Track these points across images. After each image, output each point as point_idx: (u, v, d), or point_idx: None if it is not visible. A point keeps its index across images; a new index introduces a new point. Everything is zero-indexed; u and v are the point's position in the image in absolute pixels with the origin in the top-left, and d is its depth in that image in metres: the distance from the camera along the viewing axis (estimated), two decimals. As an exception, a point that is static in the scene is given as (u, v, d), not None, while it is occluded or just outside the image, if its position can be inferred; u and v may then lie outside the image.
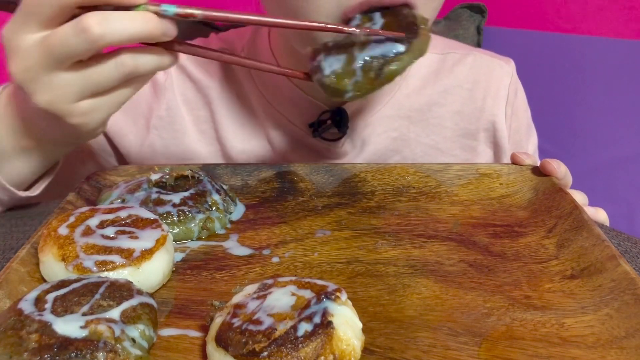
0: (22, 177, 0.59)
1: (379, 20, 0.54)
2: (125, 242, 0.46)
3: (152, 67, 0.49)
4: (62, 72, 0.47)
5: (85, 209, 0.51)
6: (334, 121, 0.73)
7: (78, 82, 0.48)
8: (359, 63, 0.50)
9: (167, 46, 0.49)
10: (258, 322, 0.37)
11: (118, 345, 0.36)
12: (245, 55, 0.78)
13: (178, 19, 0.48)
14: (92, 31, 0.45)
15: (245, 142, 0.77)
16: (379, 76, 0.50)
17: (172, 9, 0.47)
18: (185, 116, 0.77)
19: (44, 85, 0.48)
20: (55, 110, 0.49)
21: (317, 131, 0.73)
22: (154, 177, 0.57)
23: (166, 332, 0.42)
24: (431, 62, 0.81)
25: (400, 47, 0.50)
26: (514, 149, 0.81)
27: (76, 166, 0.78)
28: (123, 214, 0.50)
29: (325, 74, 0.51)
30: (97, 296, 0.39)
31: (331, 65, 0.51)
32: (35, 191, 0.61)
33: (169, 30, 0.48)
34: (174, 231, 0.53)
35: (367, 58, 0.50)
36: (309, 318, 0.37)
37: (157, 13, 0.47)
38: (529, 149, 0.85)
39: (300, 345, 0.35)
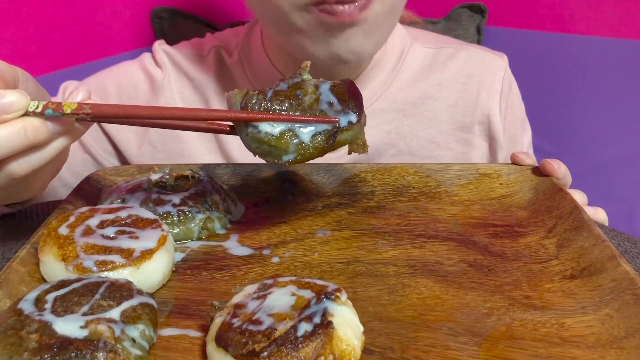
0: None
1: (327, 93, 0.49)
2: (125, 242, 0.46)
3: (50, 155, 0.45)
4: None
5: (85, 209, 0.51)
6: None
7: None
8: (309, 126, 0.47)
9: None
10: (258, 322, 0.37)
11: (118, 345, 0.36)
12: (239, 51, 0.79)
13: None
14: None
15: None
16: (330, 143, 0.48)
17: (56, 113, 0.43)
18: None
19: None
20: None
21: None
22: (154, 177, 0.57)
23: (166, 332, 0.42)
24: (425, 56, 0.81)
25: (353, 117, 0.49)
26: (509, 143, 0.82)
27: (76, 166, 0.78)
28: (123, 214, 0.50)
29: (263, 129, 0.47)
30: (97, 296, 0.39)
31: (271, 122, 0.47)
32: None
33: (57, 128, 0.44)
34: (174, 231, 0.53)
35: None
36: (309, 318, 0.37)
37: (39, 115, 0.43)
38: (524, 142, 0.85)
39: (300, 345, 0.35)
